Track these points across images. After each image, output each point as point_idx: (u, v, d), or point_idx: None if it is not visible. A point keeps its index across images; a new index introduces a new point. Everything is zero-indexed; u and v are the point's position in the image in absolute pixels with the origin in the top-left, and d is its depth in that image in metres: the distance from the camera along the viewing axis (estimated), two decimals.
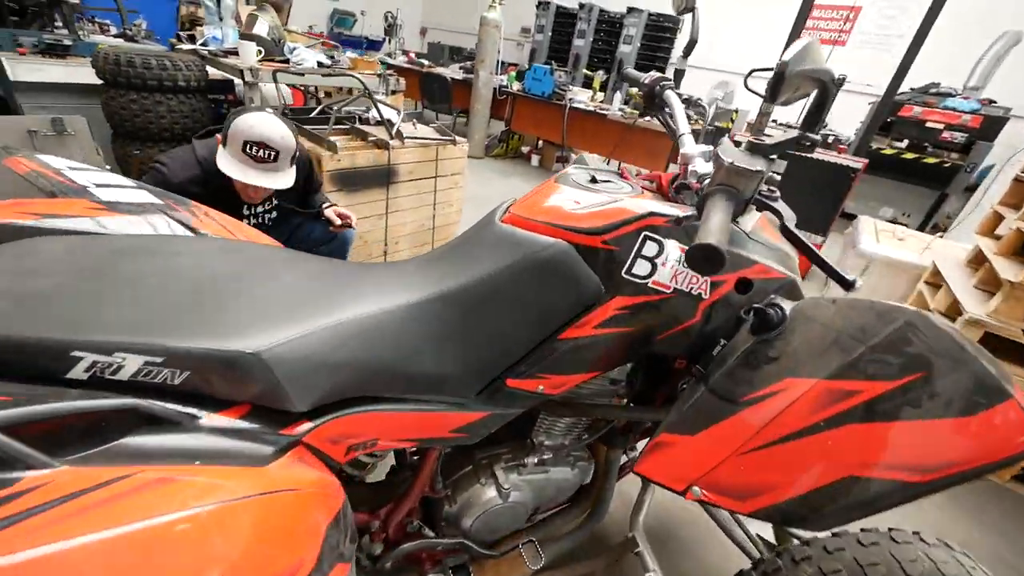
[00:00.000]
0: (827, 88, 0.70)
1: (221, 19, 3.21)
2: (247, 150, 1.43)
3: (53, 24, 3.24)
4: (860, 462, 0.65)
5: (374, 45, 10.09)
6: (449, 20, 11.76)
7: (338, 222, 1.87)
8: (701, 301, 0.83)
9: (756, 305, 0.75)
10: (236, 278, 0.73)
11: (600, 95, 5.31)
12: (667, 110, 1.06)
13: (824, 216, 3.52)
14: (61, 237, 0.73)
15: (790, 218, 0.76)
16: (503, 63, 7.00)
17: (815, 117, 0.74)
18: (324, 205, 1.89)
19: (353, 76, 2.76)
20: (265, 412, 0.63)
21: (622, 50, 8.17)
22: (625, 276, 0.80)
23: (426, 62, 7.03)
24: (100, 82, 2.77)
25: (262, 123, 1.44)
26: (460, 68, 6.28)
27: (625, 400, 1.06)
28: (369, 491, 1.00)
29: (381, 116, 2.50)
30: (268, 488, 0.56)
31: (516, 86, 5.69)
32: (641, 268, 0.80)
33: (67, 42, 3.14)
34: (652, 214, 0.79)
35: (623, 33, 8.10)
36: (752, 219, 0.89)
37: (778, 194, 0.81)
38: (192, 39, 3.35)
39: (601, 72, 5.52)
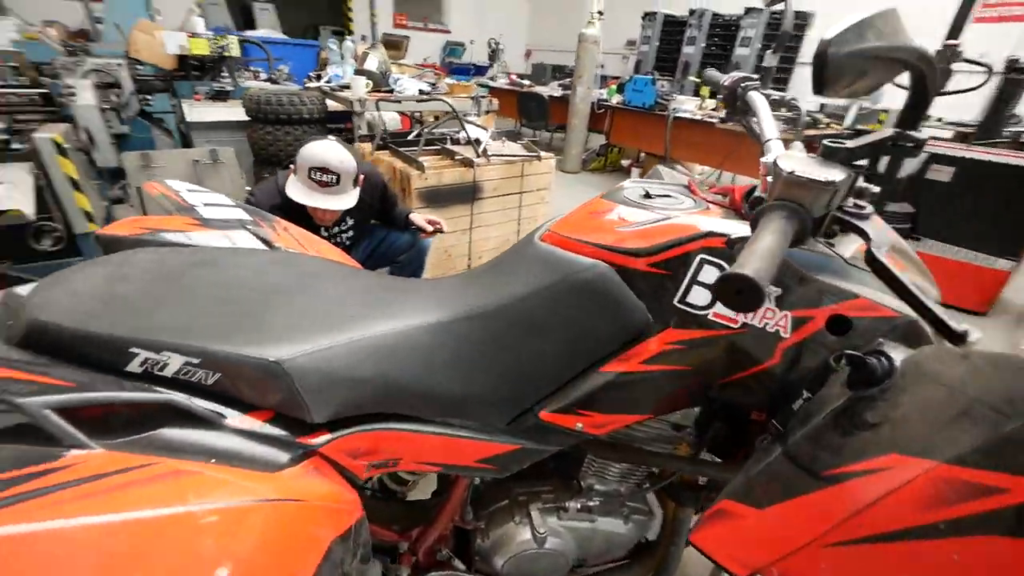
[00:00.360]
0: (922, 71, 0.54)
1: (342, 58, 3.68)
2: (312, 176, 1.59)
3: (221, 75, 4.01)
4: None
5: (481, 70, 10.75)
6: (552, 40, 12.05)
7: (429, 228, 1.98)
8: (780, 341, 0.68)
9: (852, 352, 0.59)
10: (283, 290, 0.78)
11: (710, 103, 4.96)
12: (751, 115, 0.92)
13: (1011, 235, 2.81)
14: (155, 248, 0.86)
15: (882, 242, 0.59)
16: (604, 77, 6.94)
17: (913, 112, 0.58)
18: (410, 214, 2.01)
19: (443, 100, 2.93)
20: (286, 420, 0.65)
21: (739, 54, 7.57)
22: (678, 305, 0.70)
23: (526, 82, 7.27)
24: (247, 118, 3.34)
25: (324, 150, 1.59)
26: (559, 85, 6.37)
27: (692, 451, 0.92)
28: (404, 509, 1.00)
29: (468, 136, 2.62)
30: (275, 495, 0.57)
31: (616, 99, 5.58)
32: (697, 297, 0.68)
33: (229, 88, 3.86)
34: (710, 234, 0.68)
35: (739, 36, 7.53)
36: (854, 243, 0.72)
37: (869, 210, 0.64)
38: (319, 78, 3.88)
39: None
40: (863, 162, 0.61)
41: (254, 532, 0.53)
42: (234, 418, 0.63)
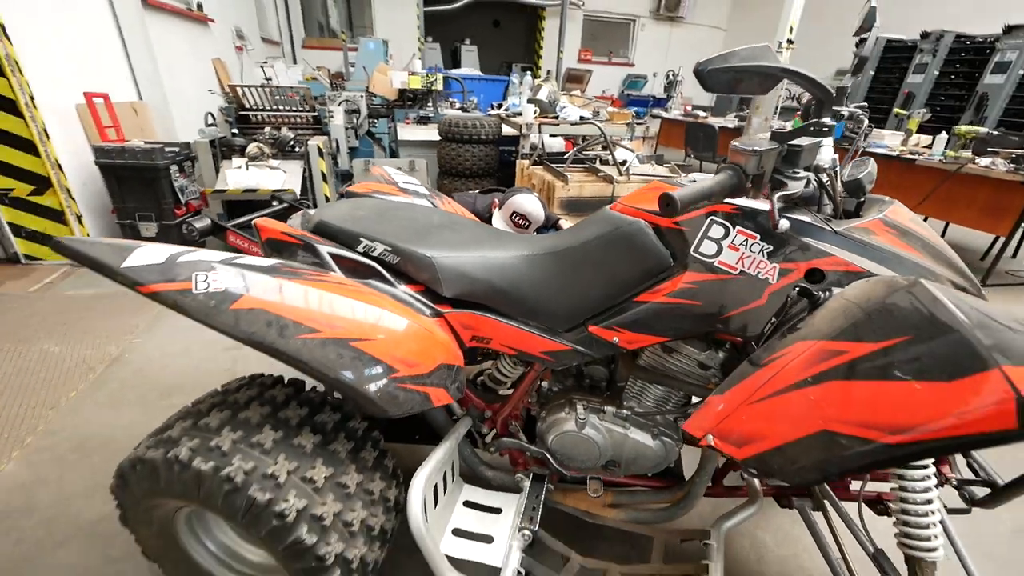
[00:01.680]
0: (798, 81, 0.83)
1: (520, 90, 4.46)
2: (512, 218, 2.14)
3: (427, 104, 5.21)
4: (835, 417, 0.67)
5: (659, 103, 11.06)
6: None
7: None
8: (768, 286, 0.91)
9: (803, 284, 0.81)
10: (437, 225, 1.28)
11: (923, 139, 4.40)
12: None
13: None
14: (376, 198, 1.46)
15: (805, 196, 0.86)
16: (795, 109, 6.60)
17: (818, 106, 0.87)
18: (559, 220, 2.47)
19: (595, 124, 3.36)
20: (431, 293, 1.13)
21: (988, 82, 6.38)
22: (694, 254, 0.97)
23: (703, 113, 7.34)
24: (439, 138, 4.31)
25: (527, 202, 2.13)
26: (735, 116, 6.30)
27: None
28: (494, 394, 1.40)
29: (613, 156, 3.00)
30: (422, 325, 1.04)
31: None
32: (708, 248, 0.96)
33: (431, 115, 5.00)
34: (729, 203, 0.94)
35: (992, 60, 6.35)
36: (863, 223, 0.90)
37: (802, 175, 0.86)
38: (500, 107, 4.75)
39: (923, 111, 4.56)
40: (804, 141, 0.84)
41: (412, 331, 0.99)
42: (403, 285, 1.13)
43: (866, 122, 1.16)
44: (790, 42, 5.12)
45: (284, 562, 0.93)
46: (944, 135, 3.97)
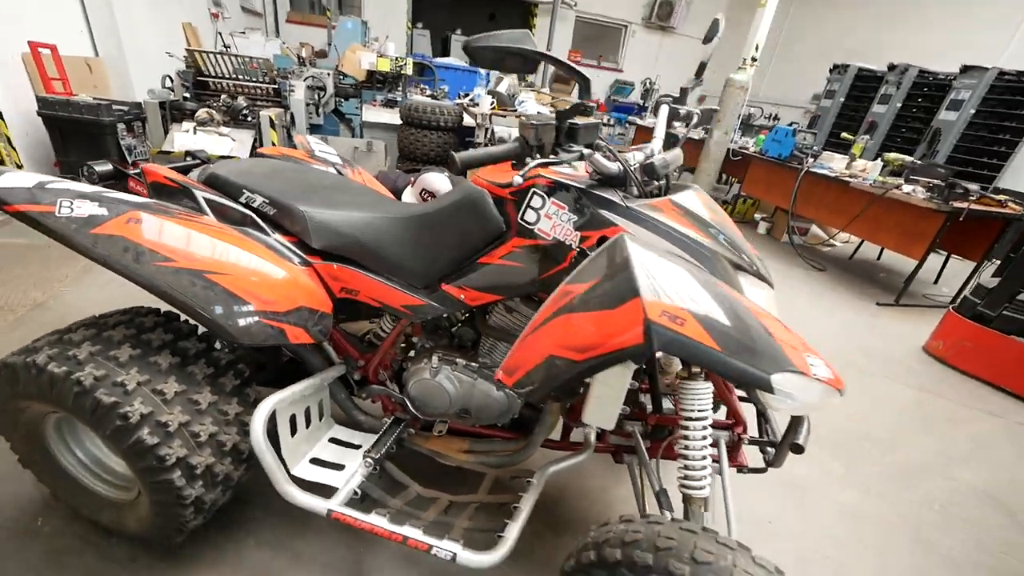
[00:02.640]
0: (551, 63, 1.02)
1: (486, 83, 4.62)
2: (421, 194, 2.30)
3: (397, 88, 5.33)
4: (556, 343, 0.87)
5: (644, 110, 11.36)
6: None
7: None
8: (571, 250, 1.09)
9: (584, 248, 0.99)
10: (326, 187, 1.43)
11: (862, 163, 4.70)
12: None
13: None
14: (280, 160, 1.61)
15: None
16: (761, 127, 6.91)
17: (582, 86, 1.05)
18: None
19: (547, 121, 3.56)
20: (304, 245, 1.28)
21: (943, 118, 6.77)
22: (520, 221, 1.15)
23: (678, 124, 7.60)
24: (400, 122, 4.44)
25: (436, 180, 2.28)
26: (703, 129, 6.56)
27: None
28: (368, 345, 1.55)
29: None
30: (285, 269, 1.19)
31: (752, 147, 5.60)
32: (530, 216, 1.14)
33: (397, 99, 5.12)
34: (539, 176, 1.12)
35: (948, 97, 6.75)
36: (653, 202, 1.09)
37: (575, 152, 1.06)
38: (467, 96, 4.91)
39: (866, 137, 4.87)
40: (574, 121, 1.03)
41: (272, 273, 1.14)
42: (279, 235, 1.27)
43: (695, 119, 1.34)
44: (754, 59, 5.37)
45: (129, 462, 1.07)
46: (879, 162, 4.27)
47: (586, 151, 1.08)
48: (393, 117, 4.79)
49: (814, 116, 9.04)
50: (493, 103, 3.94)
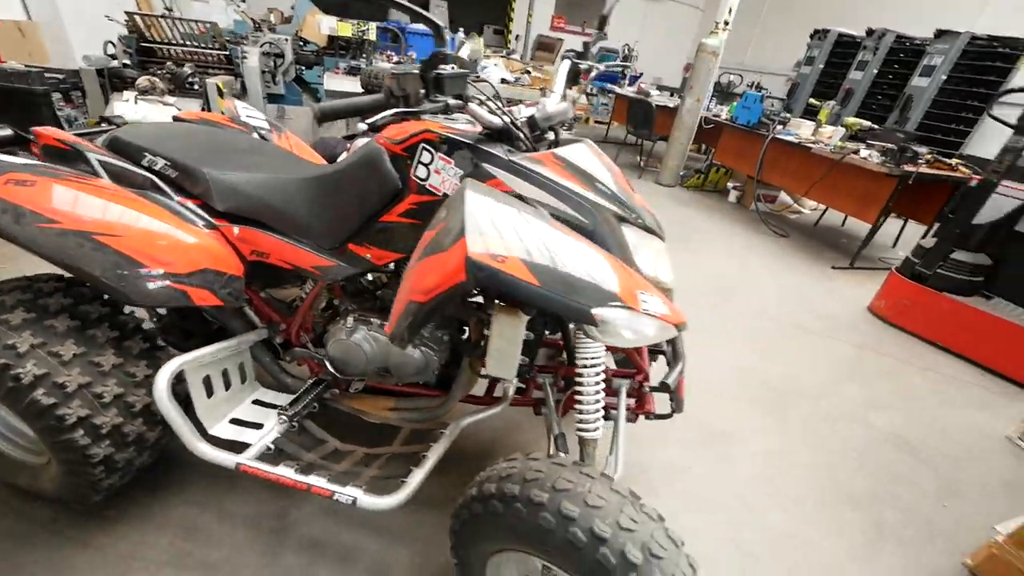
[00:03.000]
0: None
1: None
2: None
3: (362, 55, 5.18)
4: (413, 288, 0.92)
5: (632, 80, 11.16)
6: (729, 59, 11.77)
7: None
8: None
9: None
10: (243, 151, 1.43)
11: (828, 130, 4.71)
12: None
13: None
14: (197, 125, 1.59)
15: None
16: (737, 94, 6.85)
17: (438, 41, 1.10)
18: None
19: (490, 83, 3.49)
20: (208, 208, 1.28)
21: (915, 84, 6.77)
22: (413, 177, 1.16)
23: (656, 92, 7.50)
24: (361, 90, 4.34)
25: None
26: (680, 96, 6.49)
27: None
28: (286, 306, 1.58)
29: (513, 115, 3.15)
30: (186, 231, 1.19)
31: (724, 115, 5.58)
32: (421, 172, 1.15)
33: (362, 66, 4.98)
34: (427, 131, 1.13)
35: (921, 63, 6.73)
36: (536, 155, 1.11)
37: (440, 102, 1.06)
38: None
39: (832, 103, 4.86)
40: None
41: (170, 234, 1.15)
42: (182, 199, 1.27)
43: (594, 73, 1.35)
44: (726, 23, 5.29)
45: (29, 422, 1.10)
46: (842, 128, 4.28)
47: (454, 102, 1.08)
48: (355, 85, 4.67)
49: (794, 83, 8.97)
50: (454, 67, 3.86)
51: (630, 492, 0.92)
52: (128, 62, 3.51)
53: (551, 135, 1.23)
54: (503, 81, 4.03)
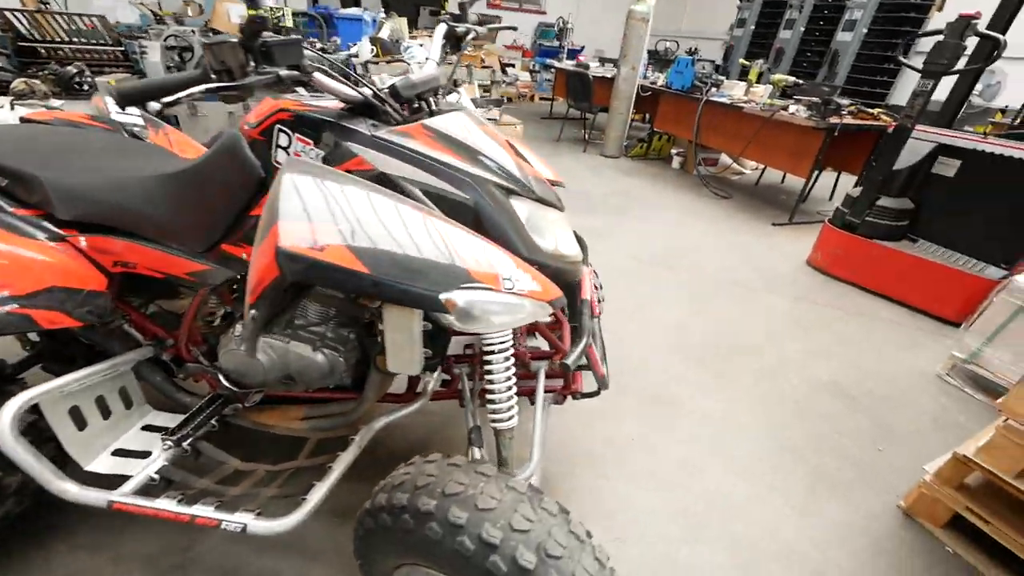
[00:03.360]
0: None
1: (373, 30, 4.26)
2: None
3: None
4: (248, 288, 0.80)
5: (572, 54, 11.00)
6: (668, 27, 11.66)
7: None
8: None
9: None
10: (100, 152, 1.24)
11: (759, 88, 4.74)
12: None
13: (1008, 242, 2.50)
14: (51, 125, 1.39)
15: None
16: (668, 60, 6.83)
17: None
18: None
19: (406, 63, 3.31)
20: (52, 218, 1.10)
21: (840, 39, 6.93)
22: (274, 163, 1.02)
23: (596, 64, 7.40)
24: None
25: None
26: (613, 66, 6.41)
27: None
28: (169, 317, 1.42)
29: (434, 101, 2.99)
30: (20, 247, 1.01)
31: (661, 81, 5.55)
32: (281, 156, 1.01)
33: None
34: (280, 110, 0.99)
35: (843, 19, 6.88)
36: (403, 128, 0.99)
37: (269, 75, 0.92)
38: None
39: (760, 62, 4.89)
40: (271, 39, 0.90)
41: (17, 255, 0.98)
42: (14, 209, 1.09)
43: (471, 35, 1.23)
44: None
45: None
46: (770, 86, 4.30)
47: (287, 73, 0.94)
48: None
49: (729, 47, 9.07)
50: (374, 50, 3.64)
51: (529, 487, 0.84)
52: (3, 65, 3.13)
53: (432, 106, 1.11)
54: (426, 60, 3.84)
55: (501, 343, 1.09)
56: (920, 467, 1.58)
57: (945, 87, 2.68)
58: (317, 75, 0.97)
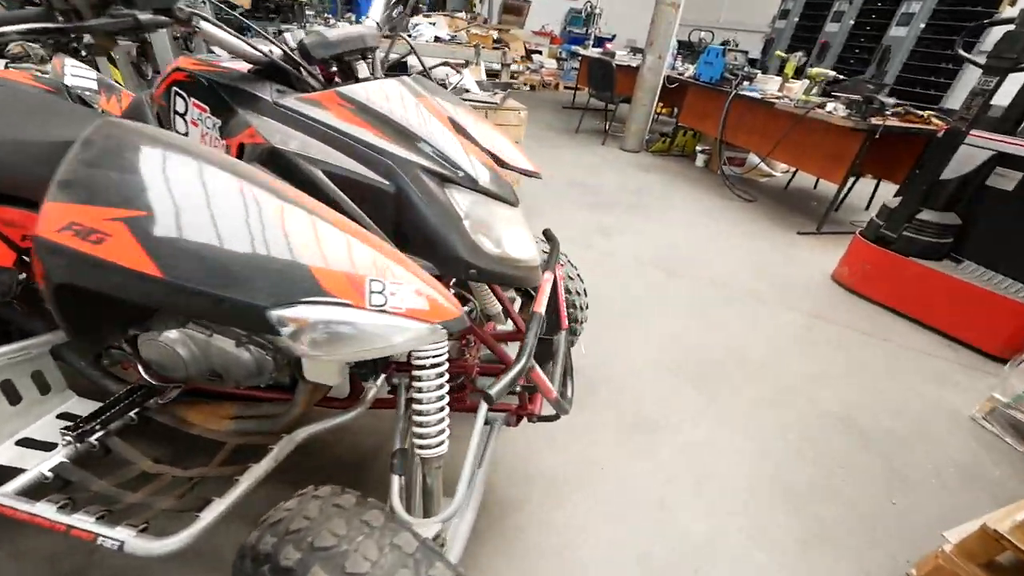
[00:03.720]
0: None
1: None
2: None
3: (292, 19, 4.73)
4: None
5: (600, 42, 10.57)
6: (701, 18, 11.09)
7: None
8: None
9: None
10: (18, 115, 1.12)
11: (797, 84, 4.36)
12: None
13: None
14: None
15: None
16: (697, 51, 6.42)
17: None
18: None
19: (407, 40, 3.11)
20: None
21: (893, 34, 6.38)
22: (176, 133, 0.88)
23: (623, 52, 7.06)
24: None
25: None
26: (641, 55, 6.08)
27: None
28: None
29: (425, 69, 2.80)
30: None
31: (690, 73, 5.20)
32: (180, 126, 0.89)
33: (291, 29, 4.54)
34: (177, 69, 0.85)
35: (898, 12, 6.32)
36: (313, 95, 0.84)
37: (124, 17, 0.75)
38: None
39: (799, 54, 4.49)
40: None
41: None
42: None
43: None
44: None
45: None
46: (807, 80, 3.94)
47: (147, 17, 0.76)
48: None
49: (768, 39, 8.52)
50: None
51: (421, 546, 0.67)
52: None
53: (373, 73, 0.95)
54: (436, 39, 3.65)
55: (434, 356, 0.92)
56: (940, 532, 1.33)
57: (1010, 88, 2.32)
58: (205, 25, 0.80)
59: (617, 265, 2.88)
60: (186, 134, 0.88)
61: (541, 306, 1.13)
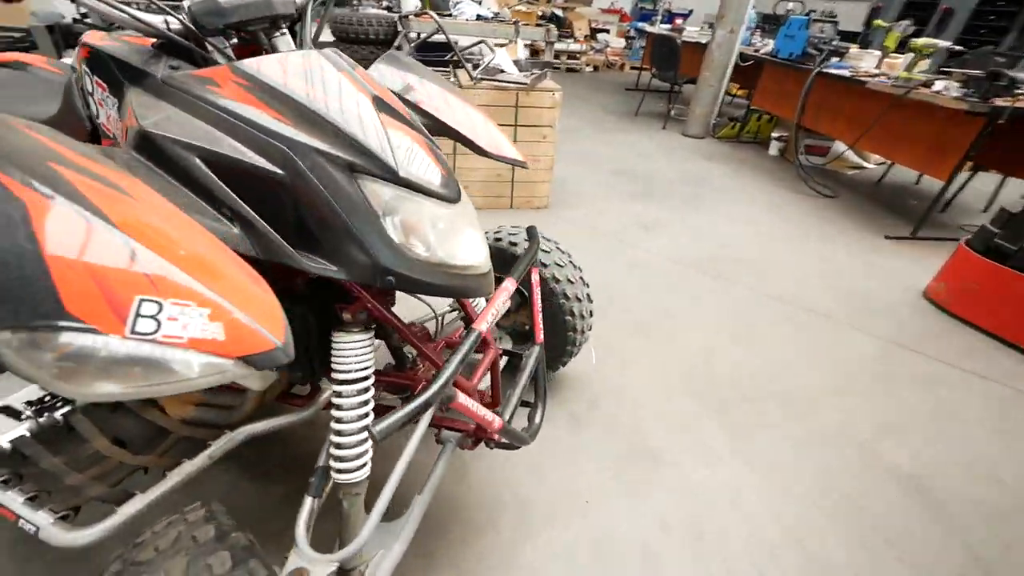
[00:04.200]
0: None
1: None
2: None
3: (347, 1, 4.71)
4: None
5: (669, 17, 9.82)
6: None
7: None
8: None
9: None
10: (20, 98, 1.16)
11: (899, 59, 3.66)
12: None
13: None
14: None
15: None
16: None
17: None
18: None
19: (434, 18, 2.90)
20: None
21: None
22: (97, 122, 0.87)
23: (696, 28, 6.43)
24: (333, 39, 3.93)
25: None
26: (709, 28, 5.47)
27: None
28: None
29: (457, 53, 2.61)
30: None
31: (768, 48, 4.59)
32: (93, 106, 0.85)
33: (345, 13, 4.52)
34: (83, 45, 0.82)
35: None
36: (205, 71, 0.72)
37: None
38: None
39: (905, 23, 3.74)
40: None
41: None
42: None
43: None
44: None
45: None
46: (911, 55, 3.28)
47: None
48: (328, 34, 4.26)
49: (874, 8, 7.40)
50: (419, 5, 3.33)
51: None
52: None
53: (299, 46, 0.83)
54: (479, 18, 3.44)
55: (357, 369, 0.85)
56: None
57: None
58: None
59: (652, 266, 2.56)
60: (97, 116, 0.85)
61: (483, 322, 0.93)
